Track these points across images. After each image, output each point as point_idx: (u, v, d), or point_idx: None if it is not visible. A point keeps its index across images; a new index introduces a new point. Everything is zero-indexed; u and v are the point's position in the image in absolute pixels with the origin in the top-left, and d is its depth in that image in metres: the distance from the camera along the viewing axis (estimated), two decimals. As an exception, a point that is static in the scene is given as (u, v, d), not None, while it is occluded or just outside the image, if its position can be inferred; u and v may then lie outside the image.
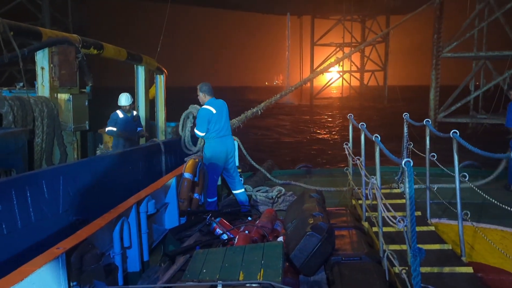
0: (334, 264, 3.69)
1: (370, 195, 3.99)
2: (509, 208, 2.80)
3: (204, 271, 3.41)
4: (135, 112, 7.78)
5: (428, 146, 4.61)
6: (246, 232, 4.61)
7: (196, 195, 5.67)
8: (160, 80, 9.58)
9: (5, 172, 5.02)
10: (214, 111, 5.91)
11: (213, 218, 4.89)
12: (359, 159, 4.77)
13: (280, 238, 4.46)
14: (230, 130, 6.17)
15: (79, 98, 6.43)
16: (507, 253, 3.19)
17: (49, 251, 2.71)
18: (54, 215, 4.61)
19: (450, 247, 4.02)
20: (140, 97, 8.56)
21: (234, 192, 6.30)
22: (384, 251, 3.51)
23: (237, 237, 4.44)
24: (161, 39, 10.58)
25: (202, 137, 6.02)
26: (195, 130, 5.97)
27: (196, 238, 4.68)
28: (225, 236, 4.64)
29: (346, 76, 57.60)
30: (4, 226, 3.88)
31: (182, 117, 6.27)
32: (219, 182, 6.52)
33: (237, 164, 6.67)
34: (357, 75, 56.95)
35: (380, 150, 3.92)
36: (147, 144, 7.78)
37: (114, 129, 7.62)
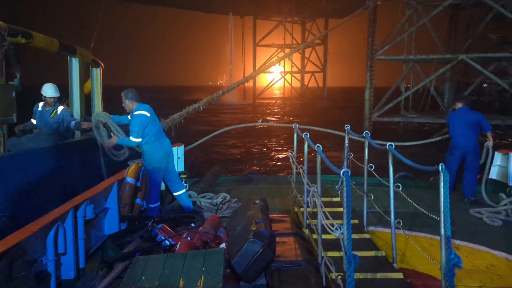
0: (274, 270, 3.75)
1: (311, 203, 4.11)
2: (436, 218, 3.00)
3: (143, 278, 3.34)
4: (60, 109, 7.10)
5: (366, 157, 4.83)
6: (189, 238, 4.58)
7: (138, 201, 5.55)
8: (97, 73, 8.99)
9: None
10: (149, 115, 5.85)
11: (155, 224, 4.81)
12: (301, 168, 4.90)
13: (223, 245, 4.47)
14: (164, 132, 6.18)
15: (6, 89, 6.01)
16: (434, 260, 3.41)
17: (-26, 257, 2.54)
18: None
19: (384, 254, 4.23)
20: (75, 91, 7.95)
21: (176, 194, 6.24)
22: (322, 257, 3.63)
23: (179, 243, 4.40)
24: (95, 33, 10.17)
25: (138, 143, 5.87)
26: (131, 138, 5.81)
27: (137, 244, 4.58)
28: (166, 243, 4.57)
29: (288, 77, 59.57)
30: None
31: (94, 127, 6.16)
32: (163, 187, 6.43)
33: (177, 168, 6.60)
34: (298, 76, 59.05)
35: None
36: (82, 137, 7.45)
37: (33, 121, 7.17)
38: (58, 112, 7.06)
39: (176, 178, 6.26)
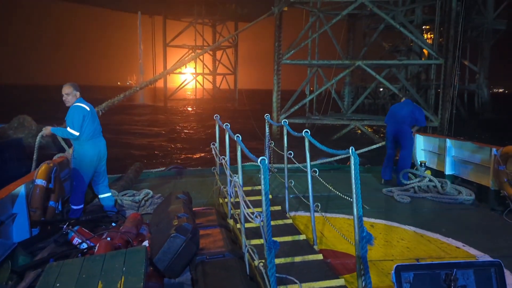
0: (198, 263, 3.73)
1: (233, 193, 4.13)
2: (350, 199, 3.17)
3: (58, 285, 3.14)
4: None
5: (286, 145, 4.96)
6: (109, 239, 4.39)
7: (51, 203, 5.19)
8: None
9: None
10: (88, 109, 5.50)
11: (70, 227, 4.54)
12: (224, 159, 4.90)
13: (145, 243, 4.35)
14: (101, 132, 5.73)
15: None
16: (350, 239, 3.60)
17: None
18: None
19: (305, 238, 4.38)
20: None
21: (100, 196, 5.91)
22: (246, 246, 3.67)
23: (97, 245, 4.20)
24: None
25: (76, 137, 5.44)
26: (69, 130, 5.38)
27: (51, 250, 4.29)
28: (84, 245, 4.34)
29: (200, 78, 59.98)
30: None
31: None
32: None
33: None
34: (210, 78, 59.76)
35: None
36: None
37: None
38: None
39: (105, 180, 5.86)
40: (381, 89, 41.60)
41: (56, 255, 4.10)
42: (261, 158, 3.02)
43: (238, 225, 4.60)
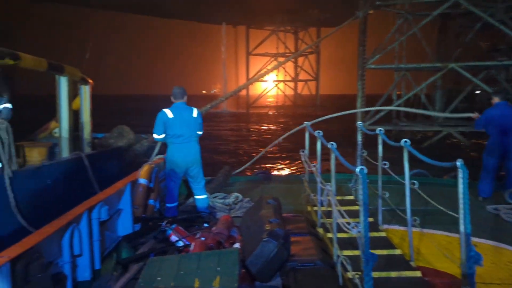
0: (289, 270, 3.72)
1: (325, 201, 4.07)
2: (455, 215, 2.95)
3: (159, 279, 3.33)
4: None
5: (380, 154, 4.78)
6: (202, 239, 4.57)
7: (151, 202, 5.56)
8: (85, 91, 9.22)
9: None
10: (171, 115, 5.64)
11: (168, 224, 4.81)
12: (314, 166, 4.86)
13: (237, 245, 4.45)
14: (193, 137, 5.77)
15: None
16: (452, 258, 3.36)
17: (-9, 260, 2.55)
18: None
19: (400, 252, 4.17)
20: (63, 110, 8.17)
21: (196, 197, 6.10)
22: (338, 256, 3.59)
23: (193, 244, 4.39)
24: (89, 45, 10.25)
25: (160, 140, 5.78)
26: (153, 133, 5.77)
27: (151, 245, 4.58)
28: (180, 243, 4.56)
29: (281, 85, 59.77)
30: None
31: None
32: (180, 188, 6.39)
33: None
34: (292, 84, 59.31)
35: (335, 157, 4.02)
36: (70, 156, 7.37)
37: None
38: None
39: (200, 183, 6.00)
40: (478, 92, 37.83)
41: (156, 250, 4.37)
42: (359, 167, 2.94)
43: (329, 234, 4.52)
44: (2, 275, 2.53)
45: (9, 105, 5.54)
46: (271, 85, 60.88)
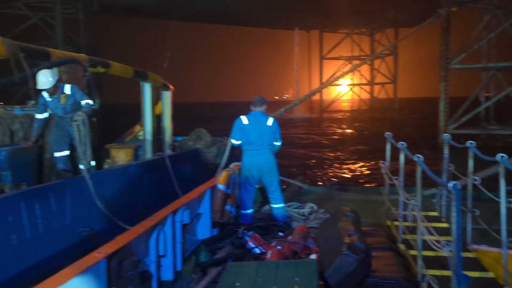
0: (370, 286, 3.59)
1: (409, 217, 3.88)
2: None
3: (237, 284, 3.38)
4: (67, 89, 5.99)
5: (471, 169, 4.46)
6: (279, 247, 4.57)
7: (227, 207, 5.68)
8: (166, 96, 9.85)
9: (16, 185, 5.15)
10: (246, 122, 5.77)
11: (245, 231, 4.88)
12: (397, 179, 4.66)
13: (313, 256, 4.39)
14: (265, 145, 5.81)
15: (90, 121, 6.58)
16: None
17: (91, 255, 2.75)
18: (62, 226, 4.72)
19: (493, 275, 3.84)
20: (147, 114, 8.83)
21: (272, 206, 6.08)
22: (424, 275, 3.40)
23: (269, 252, 4.41)
24: (168, 55, 10.82)
25: (237, 145, 5.92)
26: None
27: (228, 250, 4.67)
28: (257, 250, 4.61)
29: (356, 89, 57.52)
30: (13, 237, 4.00)
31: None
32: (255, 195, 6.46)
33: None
34: (367, 87, 56.84)
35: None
36: (152, 158, 7.86)
37: (40, 116, 6.06)
38: (67, 95, 6.02)
39: (275, 192, 5.99)
40: None
41: (233, 256, 4.45)
42: (453, 182, 2.76)
43: (412, 252, 4.30)
44: (99, 269, 2.71)
45: (90, 101, 5.94)
46: (345, 89, 59.20)
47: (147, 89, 8.81)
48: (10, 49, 5.49)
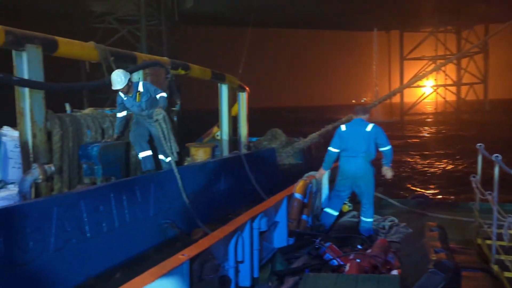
0: (459, 308, 3.32)
1: (505, 235, 3.55)
2: None
3: (315, 296, 3.32)
4: (141, 87, 6.17)
5: None
6: (358, 260, 4.42)
7: (304, 217, 5.63)
8: (242, 97, 10.16)
9: (106, 179, 5.59)
10: (344, 129, 5.88)
11: (322, 242, 4.79)
12: (490, 194, 4.29)
13: (395, 272, 4.19)
14: (361, 153, 5.75)
15: (169, 113, 6.96)
16: None
17: (174, 257, 2.86)
18: (145, 217, 5.01)
19: None
20: (224, 114, 9.11)
21: (361, 218, 6.01)
22: None
23: (348, 264, 4.28)
24: (243, 61, 11.11)
25: (332, 154, 5.97)
26: None
27: (305, 260, 4.61)
28: (334, 262, 4.50)
29: (441, 90, 53.05)
30: (104, 225, 4.36)
31: None
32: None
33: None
34: (453, 89, 52.14)
35: None
36: (229, 155, 8.16)
37: (120, 115, 6.41)
38: (141, 92, 6.22)
39: (365, 206, 5.93)
40: None
41: (310, 266, 4.37)
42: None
43: (507, 274, 3.93)
44: (182, 271, 2.81)
45: (164, 94, 6.18)
46: (429, 90, 55.44)
47: (224, 91, 9.18)
48: (102, 54, 6.07)
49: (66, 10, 25.77)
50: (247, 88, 10.25)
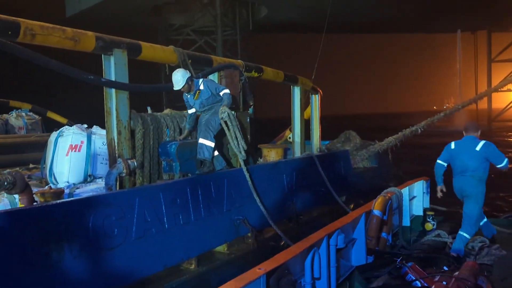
0: None
1: None
2: None
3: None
4: (201, 85, 6.02)
5: None
6: (444, 283, 4.06)
7: (384, 234, 5.30)
8: (315, 99, 9.95)
9: (183, 175, 5.72)
10: (453, 147, 5.80)
11: (404, 261, 4.47)
12: None
13: (486, 298, 3.78)
14: (468, 171, 5.57)
15: (242, 116, 6.97)
16: None
17: (252, 270, 2.78)
18: (219, 213, 5.04)
19: None
20: (296, 116, 8.99)
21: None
22: None
23: (433, 287, 3.95)
24: (316, 67, 10.89)
25: (439, 166, 5.90)
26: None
27: (385, 280, 4.32)
28: (418, 284, 4.19)
29: None
30: (180, 217, 4.46)
31: None
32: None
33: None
34: None
35: None
36: (302, 156, 8.03)
37: (190, 111, 6.20)
38: (201, 90, 6.03)
39: (464, 221, 5.65)
40: None
41: (391, 286, 4.09)
42: None
43: None
44: (259, 285, 2.71)
45: (227, 91, 6.07)
46: None
47: (296, 93, 9.12)
48: (180, 57, 6.30)
49: (150, 23, 27.56)
50: (320, 90, 10.03)
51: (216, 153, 5.92)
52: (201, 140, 5.68)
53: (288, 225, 6.19)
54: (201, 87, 6.12)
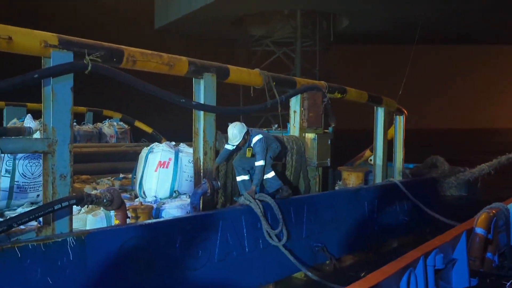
0: None
1: None
2: None
3: None
4: (256, 142, 5.59)
5: None
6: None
7: (489, 255, 4.76)
8: (400, 121, 9.48)
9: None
10: None
11: (514, 286, 3.96)
12: None
13: None
14: None
15: (323, 137, 6.89)
16: None
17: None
18: (298, 238, 5.03)
19: None
20: (379, 138, 8.69)
21: None
22: None
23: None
24: (404, 81, 10.29)
25: None
26: None
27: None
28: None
29: None
30: (260, 241, 4.61)
31: None
32: None
33: None
34: None
35: None
36: (384, 183, 7.82)
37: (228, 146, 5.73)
38: (251, 149, 5.68)
39: None
40: None
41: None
42: None
43: None
44: None
45: (262, 163, 5.43)
46: None
47: (380, 114, 8.76)
48: (265, 79, 6.34)
49: (230, 34, 28.24)
50: (405, 112, 9.55)
51: (245, 177, 5.77)
52: (265, 177, 5.60)
53: (369, 255, 5.93)
54: (252, 144, 5.71)
